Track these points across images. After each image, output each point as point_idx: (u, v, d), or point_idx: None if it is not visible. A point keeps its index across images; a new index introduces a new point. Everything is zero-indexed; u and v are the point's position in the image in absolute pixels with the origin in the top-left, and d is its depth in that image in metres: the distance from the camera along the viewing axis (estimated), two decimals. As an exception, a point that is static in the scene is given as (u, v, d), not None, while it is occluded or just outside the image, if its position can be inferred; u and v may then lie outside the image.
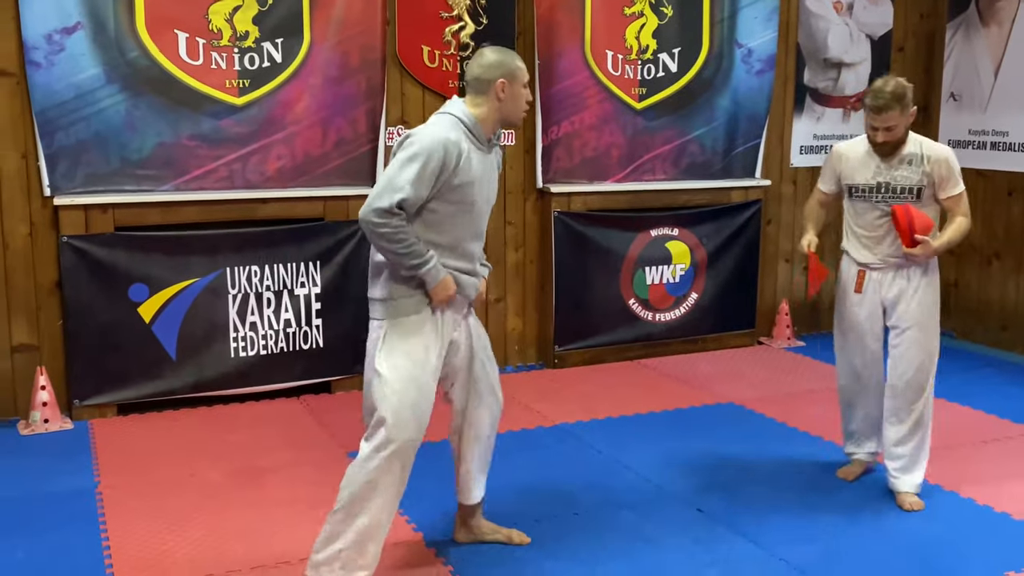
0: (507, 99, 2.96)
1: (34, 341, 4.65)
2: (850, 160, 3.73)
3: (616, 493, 3.82)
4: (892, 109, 3.49)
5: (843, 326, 3.85)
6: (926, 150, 3.63)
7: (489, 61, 2.96)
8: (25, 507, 3.67)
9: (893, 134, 3.56)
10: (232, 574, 3.15)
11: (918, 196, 3.61)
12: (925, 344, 3.70)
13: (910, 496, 3.71)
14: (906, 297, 3.68)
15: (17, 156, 4.50)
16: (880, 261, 3.69)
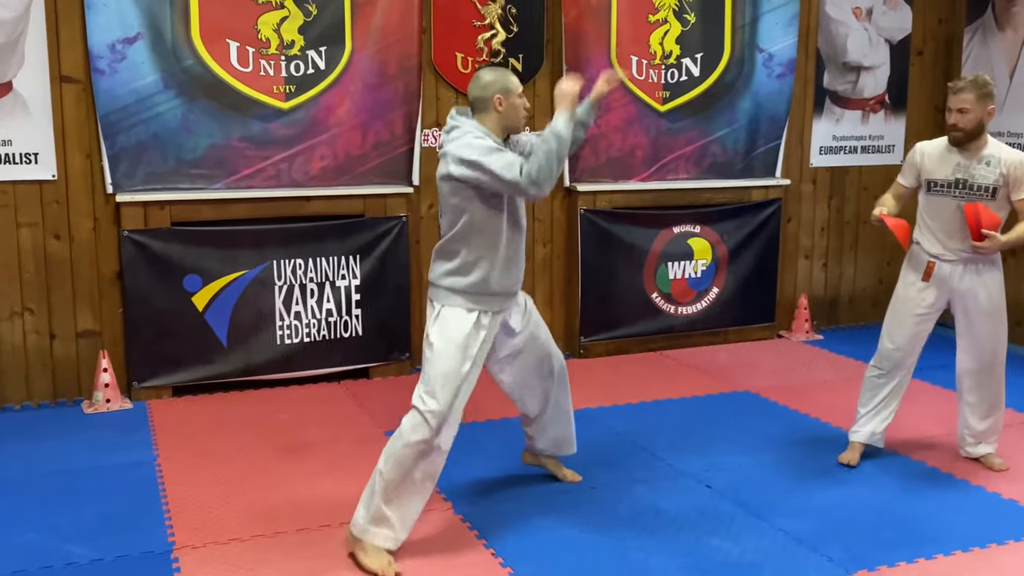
0: (506, 110, 3.31)
1: (97, 327, 5.04)
2: (932, 156, 3.98)
3: (630, 470, 4.11)
4: (968, 92, 3.79)
5: (900, 308, 4.08)
6: (1004, 153, 3.91)
7: (485, 81, 3.31)
8: (92, 476, 4.04)
9: (965, 117, 3.81)
10: (280, 535, 3.49)
11: (993, 195, 3.87)
12: (998, 332, 4.05)
13: (994, 458, 4.14)
14: (977, 290, 3.96)
15: (82, 156, 4.89)
16: (951, 254, 3.95)
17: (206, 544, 3.41)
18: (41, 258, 4.88)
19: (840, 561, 3.30)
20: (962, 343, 4.08)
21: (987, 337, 4.02)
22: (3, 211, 4.78)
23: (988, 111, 3.82)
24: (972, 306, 3.98)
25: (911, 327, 4.04)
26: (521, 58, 5.65)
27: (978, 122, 3.82)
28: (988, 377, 4.08)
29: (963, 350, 4.08)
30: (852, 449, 4.20)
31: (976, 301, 3.96)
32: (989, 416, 4.12)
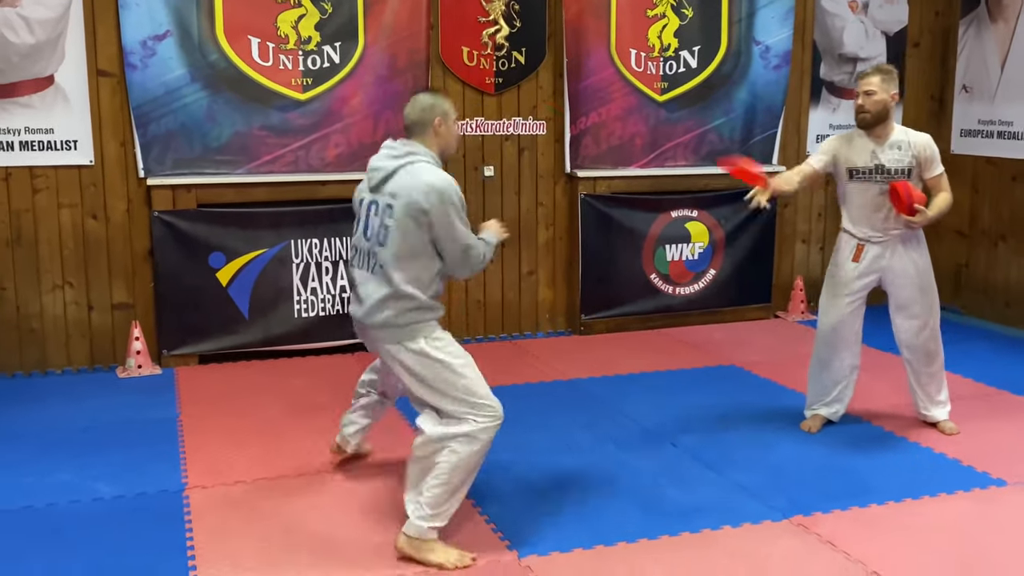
0: (443, 134, 3.36)
1: (130, 300, 5.51)
2: (849, 146, 4.29)
3: (605, 430, 4.47)
4: (873, 75, 4.15)
5: (834, 291, 4.39)
6: (911, 137, 4.23)
7: (425, 104, 3.34)
8: (121, 429, 4.50)
9: (871, 99, 4.12)
10: (281, 478, 3.91)
11: (908, 176, 4.18)
12: (930, 306, 4.34)
13: (946, 423, 4.42)
14: (906, 266, 4.26)
15: (117, 144, 5.36)
16: (879, 234, 4.25)
17: (215, 485, 3.85)
18: (80, 236, 5.37)
19: (780, 508, 3.63)
20: (897, 318, 4.35)
21: (921, 309, 4.30)
22: (45, 193, 5.27)
23: (892, 95, 4.13)
24: (904, 281, 4.26)
25: (844, 307, 4.33)
26: (524, 52, 6.01)
27: (883, 105, 4.12)
28: (927, 349, 4.36)
29: (900, 323, 4.36)
30: (813, 418, 4.51)
31: (907, 276, 4.24)
32: (933, 380, 4.42)
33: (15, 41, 5.06)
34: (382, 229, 3.25)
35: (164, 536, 3.40)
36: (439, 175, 3.25)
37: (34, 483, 3.85)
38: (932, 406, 4.46)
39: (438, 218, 3.19)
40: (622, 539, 3.37)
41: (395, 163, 3.33)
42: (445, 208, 3.19)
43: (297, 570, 3.16)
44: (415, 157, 3.30)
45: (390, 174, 3.31)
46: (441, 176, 3.25)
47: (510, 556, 3.26)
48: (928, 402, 4.46)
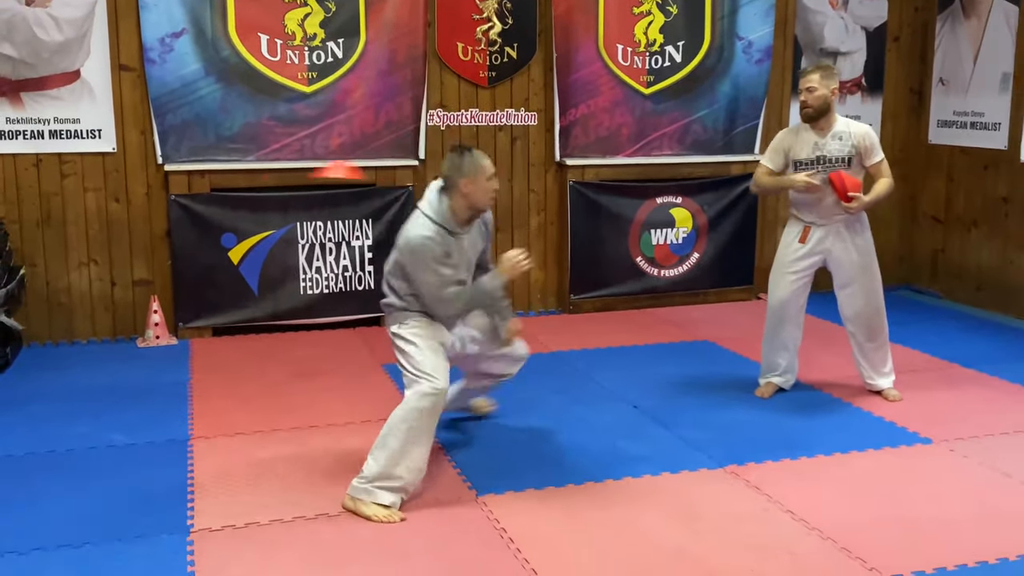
0: (471, 193, 3.63)
1: (149, 277, 6.00)
2: (794, 141, 4.66)
3: (575, 394, 4.89)
4: (814, 73, 4.51)
5: (781, 270, 4.76)
6: (852, 128, 4.59)
7: (454, 165, 3.64)
8: (137, 391, 4.98)
9: (813, 95, 4.49)
10: (276, 431, 4.37)
11: (848, 164, 4.55)
12: (872, 282, 4.71)
13: (891, 391, 4.79)
14: (849, 248, 4.63)
15: (137, 133, 5.85)
16: (823, 219, 4.63)
17: (217, 436, 4.32)
18: (104, 218, 5.86)
19: (717, 458, 4.03)
20: (841, 295, 4.72)
21: (863, 287, 4.67)
22: (73, 178, 5.77)
23: (832, 90, 4.48)
24: (846, 262, 4.62)
25: (789, 284, 4.69)
26: (516, 47, 6.43)
27: (824, 99, 4.47)
28: (870, 321, 4.73)
29: (843, 300, 4.73)
30: (767, 386, 4.88)
31: (849, 257, 4.61)
32: (877, 352, 4.79)
33: (45, 39, 5.56)
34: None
35: (168, 475, 3.87)
36: (417, 231, 3.64)
37: (57, 433, 4.34)
38: (877, 376, 4.82)
39: (410, 267, 3.67)
40: (571, 482, 3.79)
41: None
42: (415, 260, 3.64)
43: (281, 503, 3.61)
44: (419, 208, 3.75)
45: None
46: (417, 232, 3.63)
47: (470, 495, 3.69)
48: (873, 372, 4.82)
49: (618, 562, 3.18)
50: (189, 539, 3.32)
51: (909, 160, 7.43)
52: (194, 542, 3.30)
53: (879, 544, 3.29)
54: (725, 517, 3.50)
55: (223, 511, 3.53)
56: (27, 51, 5.54)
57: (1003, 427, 4.41)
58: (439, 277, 3.65)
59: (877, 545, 3.28)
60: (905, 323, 6.36)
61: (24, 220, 5.72)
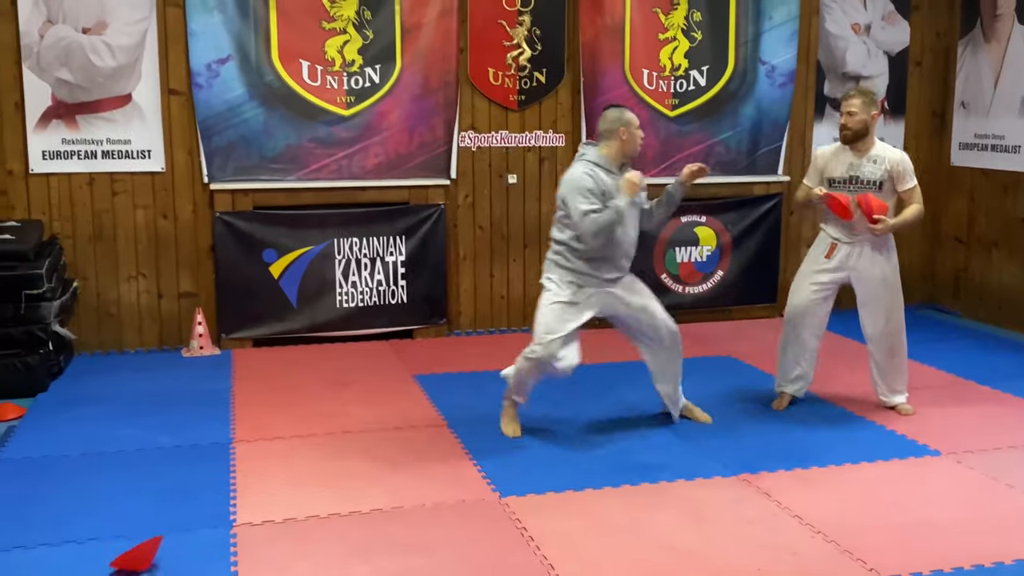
0: (627, 140, 4.48)
1: (194, 289, 6.31)
2: (830, 159, 4.86)
3: (598, 406, 5.10)
4: (855, 98, 4.71)
5: (803, 278, 4.95)
6: (888, 153, 4.79)
7: (613, 117, 4.49)
8: (182, 396, 5.26)
9: (853, 119, 4.69)
10: (311, 436, 4.62)
11: (880, 188, 4.73)
12: (894, 303, 4.88)
13: (904, 405, 4.94)
14: (873, 268, 4.81)
15: (185, 153, 6.16)
16: (849, 237, 4.81)
17: (257, 439, 4.58)
18: (152, 233, 6.18)
19: (732, 467, 4.22)
20: (863, 312, 4.89)
21: (885, 307, 4.83)
22: (124, 196, 6.09)
23: (872, 115, 4.66)
24: (869, 282, 4.80)
25: (808, 294, 4.87)
26: (545, 72, 6.68)
27: (864, 124, 4.66)
28: (890, 340, 4.88)
29: (865, 318, 4.89)
30: (781, 397, 5.06)
31: (873, 276, 4.78)
32: (895, 371, 4.93)
33: (100, 64, 5.90)
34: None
35: (212, 474, 4.13)
36: (575, 170, 4.46)
37: (107, 435, 4.63)
38: (891, 394, 4.97)
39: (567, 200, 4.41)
40: (589, 486, 4.00)
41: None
42: (568, 191, 4.40)
43: (317, 501, 3.85)
44: (580, 154, 4.57)
45: None
46: (576, 170, 4.45)
47: (493, 496, 3.91)
48: (887, 390, 4.97)
49: (631, 560, 3.38)
50: (232, 532, 3.57)
51: (932, 181, 7.57)
52: (237, 535, 3.55)
53: (880, 546, 3.46)
54: (734, 520, 3.69)
55: (263, 508, 3.78)
56: (83, 76, 5.88)
57: (1012, 441, 4.56)
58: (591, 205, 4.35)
59: (878, 547, 3.45)
60: (926, 341, 6.50)
61: (77, 235, 6.05)
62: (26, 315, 5.34)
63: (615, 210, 4.35)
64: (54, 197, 5.98)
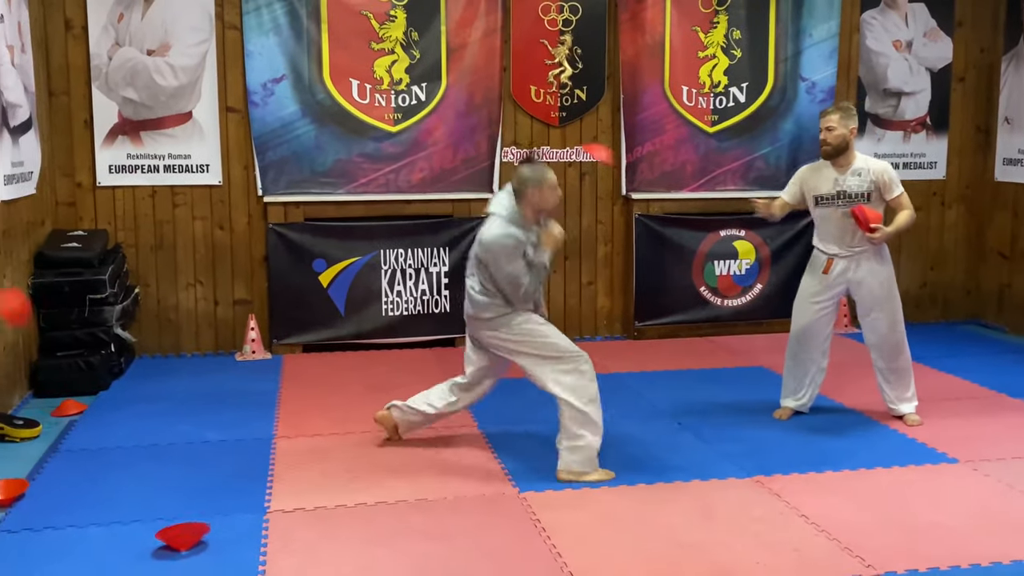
0: (538, 200, 4.21)
1: (248, 297, 6.64)
2: (814, 177, 4.99)
3: (624, 410, 5.24)
4: (833, 114, 4.83)
5: (804, 298, 5.05)
6: (871, 164, 4.89)
7: (523, 176, 4.21)
8: (232, 397, 5.57)
9: (832, 134, 4.81)
10: (350, 434, 4.87)
11: (868, 199, 4.84)
12: (893, 312, 4.95)
13: (911, 416, 5.00)
14: (870, 280, 4.90)
15: (241, 168, 6.51)
16: (844, 251, 4.92)
17: (297, 436, 4.85)
18: (210, 243, 6.53)
19: (747, 469, 4.34)
20: (864, 322, 4.98)
21: (885, 315, 4.90)
22: (183, 208, 6.46)
23: (850, 129, 4.77)
24: (868, 292, 4.88)
25: (811, 314, 4.97)
26: (585, 89, 6.89)
27: (843, 138, 4.76)
28: (892, 350, 4.95)
29: (867, 328, 4.98)
30: (784, 409, 5.15)
31: (871, 286, 4.86)
32: (899, 378, 5.00)
33: (163, 84, 6.29)
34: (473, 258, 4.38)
35: (252, 466, 4.40)
36: (494, 231, 4.20)
37: (160, 429, 4.95)
38: (899, 402, 5.03)
39: (489, 264, 4.23)
40: (605, 484, 4.16)
41: (490, 212, 4.34)
42: (492, 257, 4.19)
43: (346, 492, 4.09)
44: (494, 208, 4.31)
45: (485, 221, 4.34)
46: (494, 231, 4.20)
47: (513, 491, 4.11)
48: (895, 398, 5.03)
49: (635, 551, 3.54)
50: (265, 518, 3.83)
51: (976, 196, 7.58)
52: (269, 520, 3.80)
53: (880, 545, 3.56)
54: (742, 518, 3.82)
55: (296, 497, 4.04)
56: (147, 95, 6.27)
57: (1034, 451, 4.60)
58: (516, 266, 4.18)
59: (878, 546, 3.55)
60: (963, 355, 6.53)
61: (140, 245, 6.43)
62: (90, 318, 5.71)
63: (541, 267, 4.28)
64: (119, 208, 6.38)
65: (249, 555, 3.51)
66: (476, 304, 4.34)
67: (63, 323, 5.70)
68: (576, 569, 3.39)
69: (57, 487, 4.17)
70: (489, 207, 4.37)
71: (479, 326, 4.38)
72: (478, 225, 6.71)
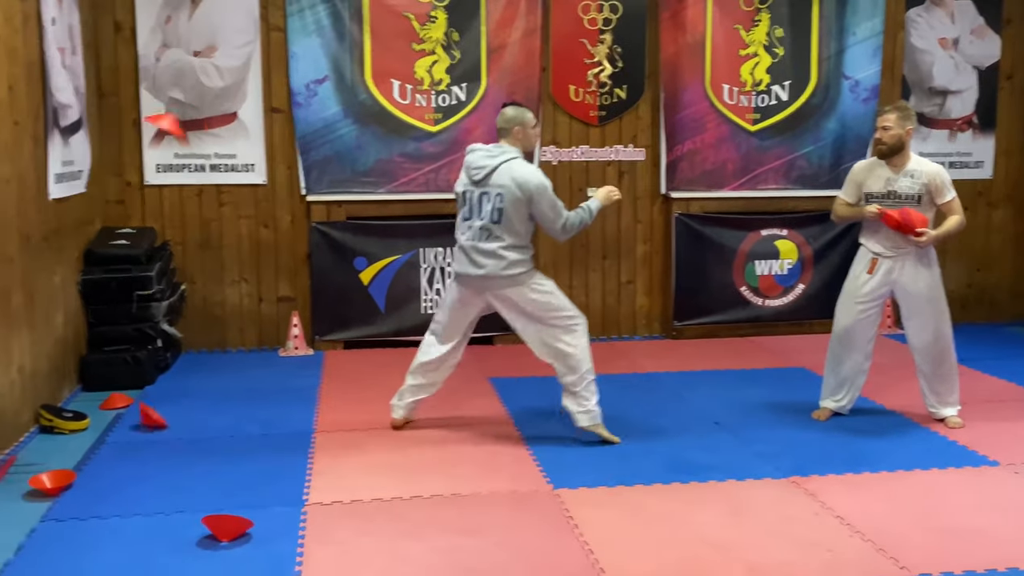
0: (523, 139, 4.63)
1: (292, 294, 6.74)
2: (867, 174, 4.95)
3: (661, 409, 5.26)
4: (891, 113, 4.78)
5: (848, 298, 5.02)
6: (924, 167, 4.83)
7: (509, 116, 4.62)
8: (274, 391, 5.67)
9: (888, 133, 4.76)
10: (386, 430, 4.94)
11: (918, 202, 4.79)
12: (938, 316, 4.89)
13: (953, 418, 4.95)
14: (916, 280, 4.85)
15: (285, 168, 6.62)
16: (890, 251, 4.88)
17: (337, 430, 4.93)
18: (255, 242, 6.65)
19: (784, 469, 4.32)
20: (908, 325, 4.92)
21: (929, 319, 4.84)
22: (229, 207, 6.59)
23: (907, 130, 4.70)
24: (913, 294, 4.82)
25: (855, 313, 4.91)
26: (625, 88, 6.89)
27: (899, 138, 4.70)
28: (937, 355, 4.89)
29: (910, 331, 4.92)
30: (823, 410, 5.11)
31: (917, 289, 4.81)
32: (943, 382, 4.93)
33: (209, 85, 6.41)
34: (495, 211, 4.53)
35: (292, 460, 4.49)
36: (525, 167, 4.52)
37: (204, 423, 5.05)
38: (941, 406, 4.97)
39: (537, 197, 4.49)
40: (640, 482, 4.18)
41: (494, 161, 4.56)
42: (538, 190, 4.47)
43: (383, 486, 4.15)
44: (502, 151, 4.59)
45: (492, 170, 4.54)
46: (527, 167, 4.53)
47: (547, 487, 4.14)
48: (937, 401, 4.97)
49: (665, 548, 3.55)
50: (304, 511, 3.90)
51: (1023, 196, 7.44)
52: (307, 513, 3.88)
53: (916, 547, 3.54)
54: (775, 518, 3.81)
55: (334, 490, 4.11)
56: (193, 95, 6.41)
57: (1078, 455, 4.52)
58: (558, 203, 4.56)
59: (914, 547, 3.53)
60: (1008, 357, 6.43)
61: (187, 242, 6.56)
62: (137, 314, 5.85)
63: (589, 212, 4.63)
64: (166, 207, 6.52)
65: (287, 547, 3.59)
66: (504, 262, 4.54)
67: (111, 319, 5.85)
68: (607, 566, 3.41)
69: (103, 478, 4.29)
70: (490, 156, 4.60)
71: (501, 284, 4.59)
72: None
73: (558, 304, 4.64)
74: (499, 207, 4.54)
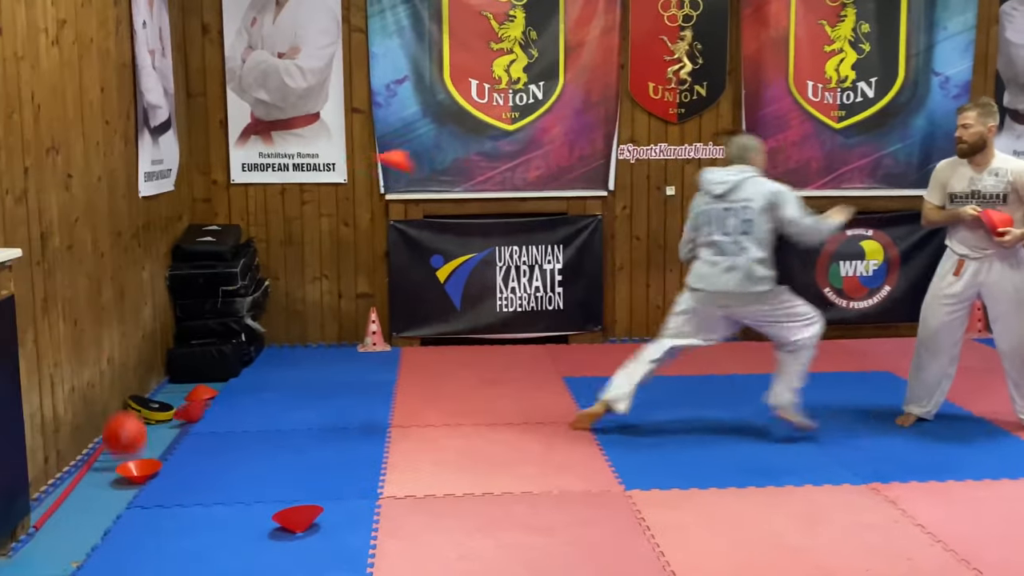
0: (760, 162, 4.79)
1: (370, 291, 6.84)
2: (950, 174, 4.81)
3: (740, 412, 5.17)
4: (971, 110, 4.65)
5: (934, 300, 4.88)
6: (1010, 165, 4.67)
7: (743, 144, 4.82)
8: (355, 386, 5.76)
9: (968, 131, 4.63)
10: (460, 425, 4.98)
11: (1004, 201, 4.63)
12: None
13: None
14: (1003, 282, 4.69)
15: (365, 166, 6.72)
16: (976, 252, 4.73)
17: (411, 426, 4.98)
18: (335, 239, 6.77)
19: (863, 476, 4.22)
20: (996, 328, 4.74)
21: (1016, 322, 4.66)
22: (311, 205, 6.72)
23: (988, 127, 4.52)
24: (1000, 296, 4.65)
25: (942, 316, 4.76)
26: (705, 85, 6.81)
27: (980, 136, 4.53)
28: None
29: (998, 334, 4.74)
30: (907, 416, 4.96)
31: (1003, 291, 4.63)
32: None
33: (292, 86, 6.55)
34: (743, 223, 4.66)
35: (367, 453, 4.55)
36: (774, 184, 4.71)
37: (283, 416, 5.17)
38: None
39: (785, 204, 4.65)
40: (714, 485, 4.13)
41: (738, 177, 4.67)
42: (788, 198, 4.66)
43: (455, 482, 4.18)
44: (751, 174, 4.71)
45: (736, 185, 4.66)
46: (776, 184, 4.72)
47: (619, 488, 4.12)
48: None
49: (737, 552, 3.50)
50: (377, 504, 3.96)
51: None
52: (381, 507, 3.93)
53: (998, 559, 3.41)
54: (853, 525, 3.72)
55: (408, 484, 4.16)
56: (278, 96, 6.55)
57: None
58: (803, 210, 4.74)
59: (996, 559, 3.41)
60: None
61: (270, 240, 6.72)
62: (223, 309, 6.01)
63: (832, 227, 4.81)
64: (251, 205, 6.68)
65: (360, 539, 3.64)
66: (758, 279, 4.77)
67: (198, 313, 6.02)
68: (678, 568, 3.38)
69: (187, 468, 4.42)
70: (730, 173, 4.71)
71: (749, 300, 4.78)
72: (593, 223, 6.79)
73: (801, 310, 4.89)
74: (747, 219, 4.66)
